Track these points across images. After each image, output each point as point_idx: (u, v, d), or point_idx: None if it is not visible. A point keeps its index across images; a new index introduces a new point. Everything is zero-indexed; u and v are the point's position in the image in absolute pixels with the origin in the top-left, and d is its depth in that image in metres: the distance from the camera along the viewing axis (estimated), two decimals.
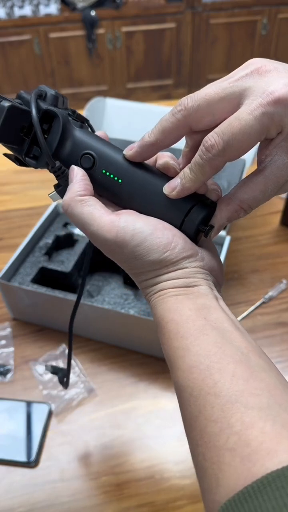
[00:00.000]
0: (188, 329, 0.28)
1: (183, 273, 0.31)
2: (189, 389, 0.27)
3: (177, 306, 0.30)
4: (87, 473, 0.56)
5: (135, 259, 0.31)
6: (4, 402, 0.62)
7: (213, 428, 0.25)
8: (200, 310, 0.29)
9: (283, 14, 2.39)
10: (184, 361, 0.28)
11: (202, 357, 0.27)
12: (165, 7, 2.33)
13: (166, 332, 0.30)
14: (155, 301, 0.31)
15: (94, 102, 0.98)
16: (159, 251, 0.31)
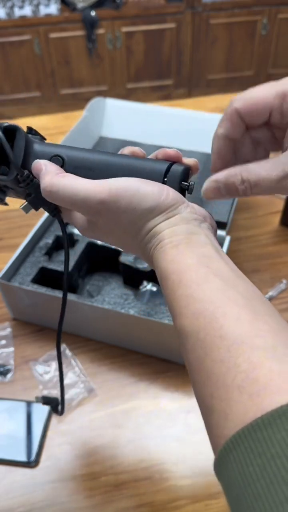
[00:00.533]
0: (191, 278, 0.29)
1: (180, 219, 0.31)
2: (195, 334, 0.27)
3: (179, 257, 0.30)
4: (87, 473, 0.56)
5: (133, 210, 0.31)
6: (4, 402, 0.62)
7: (220, 368, 0.25)
8: (202, 259, 0.29)
9: (283, 14, 2.39)
10: (189, 308, 0.28)
11: (206, 303, 0.27)
12: (165, 7, 2.33)
13: (169, 283, 0.30)
14: (157, 254, 0.31)
15: (94, 102, 0.98)
16: (154, 197, 0.31)
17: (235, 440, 0.23)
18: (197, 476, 0.55)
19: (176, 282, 0.29)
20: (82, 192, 0.32)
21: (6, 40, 2.29)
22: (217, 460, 0.24)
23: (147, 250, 0.33)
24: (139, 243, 0.33)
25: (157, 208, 0.31)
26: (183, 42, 2.44)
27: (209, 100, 1.26)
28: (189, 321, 0.28)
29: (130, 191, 0.31)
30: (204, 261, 0.29)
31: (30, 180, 0.34)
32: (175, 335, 0.64)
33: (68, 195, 0.32)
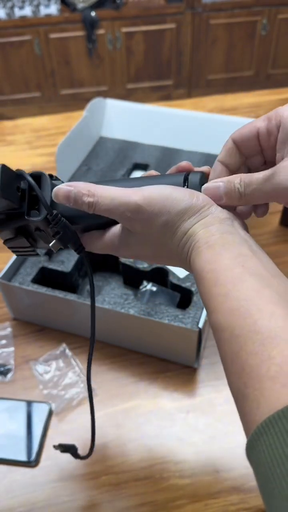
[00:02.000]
0: (227, 277, 0.30)
1: (213, 219, 0.33)
2: (230, 329, 0.28)
3: (215, 258, 0.31)
4: (87, 472, 0.56)
5: (167, 213, 0.33)
6: (4, 401, 0.62)
7: (254, 360, 0.26)
8: (237, 258, 0.31)
9: (283, 15, 2.39)
10: (224, 305, 0.29)
11: (242, 300, 0.28)
12: (165, 7, 2.33)
13: (206, 282, 0.31)
14: (194, 255, 0.33)
15: (94, 102, 0.98)
16: (186, 199, 0.33)
17: (266, 425, 0.24)
18: (197, 475, 0.55)
19: (212, 281, 0.30)
20: (118, 198, 0.34)
21: (6, 40, 2.29)
22: (248, 444, 0.26)
23: (183, 254, 0.34)
24: (176, 248, 0.34)
25: (190, 209, 0.33)
26: (183, 43, 2.44)
27: (209, 100, 1.26)
28: (224, 317, 0.29)
29: (163, 195, 0.33)
30: (239, 261, 0.30)
31: (59, 219, 0.36)
32: (175, 335, 0.64)
33: (106, 202, 0.34)
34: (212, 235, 0.32)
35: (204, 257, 0.32)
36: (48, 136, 1.15)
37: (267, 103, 1.22)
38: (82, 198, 0.35)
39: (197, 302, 0.65)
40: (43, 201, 0.36)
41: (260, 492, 0.25)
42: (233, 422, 0.59)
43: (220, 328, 0.29)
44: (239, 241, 0.32)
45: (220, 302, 0.30)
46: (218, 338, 0.30)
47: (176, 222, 0.33)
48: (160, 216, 0.33)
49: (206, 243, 0.32)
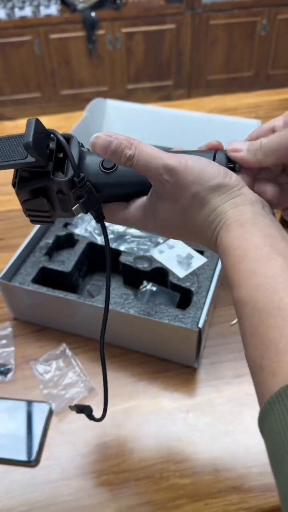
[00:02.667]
0: (256, 255, 0.30)
1: (245, 199, 0.33)
2: (252, 303, 0.29)
3: (245, 235, 0.31)
4: (87, 472, 0.56)
5: (199, 185, 0.33)
6: (4, 401, 0.62)
7: (274, 334, 0.27)
8: (267, 238, 0.31)
9: (282, 15, 2.39)
10: (250, 281, 0.29)
11: (268, 277, 0.29)
12: (165, 8, 2.33)
13: (233, 258, 0.31)
14: (222, 232, 0.33)
15: (94, 103, 0.98)
16: (220, 176, 0.33)
17: (279, 394, 0.25)
18: (197, 475, 0.55)
19: (240, 257, 0.31)
20: (157, 157, 0.34)
21: (7, 40, 2.29)
22: (261, 413, 0.26)
23: (209, 230, 0.34)
24: (202, 223, 0.34)
25: (223, 186, 0.33)
26: (183, 43, 2.44)
27: (209, 100, 1.26)
28: (248, 292, 0.29)
29: (199, 166, 0.33)
30: (268, 241, 0.31)
31: (85, 183, 0.36)
32: (175, 335, 0.64)
33: (146, 158, 0.34)
34: (244, 214, 0.32)
35: (234, 233, 0.32)
36: None
37: (267, 104, 1.22)
38: (123, 149, 0.34)
39: (197, 302, 0.65)
40: (72, 162, 0.35)
41: (270, 462, 0.26)
42: (233, 422, 0.59)
43: (242, 303, 0.30)
44: (269, 223, 0.32)
45: (245, 277, 0.30)
46: (240, 312, 0.30)
47: (206, 196, 0.33)
48: (192, 185, 0.33)
49: (237, 221, 0.32)
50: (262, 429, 0.27)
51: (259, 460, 0.56)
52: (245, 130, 0.93)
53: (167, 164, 0.33)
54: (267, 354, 0.27)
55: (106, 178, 0.37)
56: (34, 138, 0.33)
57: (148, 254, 0.72)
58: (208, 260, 0.72)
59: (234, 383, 0.63)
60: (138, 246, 0.75)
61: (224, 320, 0.71)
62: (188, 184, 0.33)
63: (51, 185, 0.37)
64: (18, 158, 0.34)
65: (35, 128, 0.33)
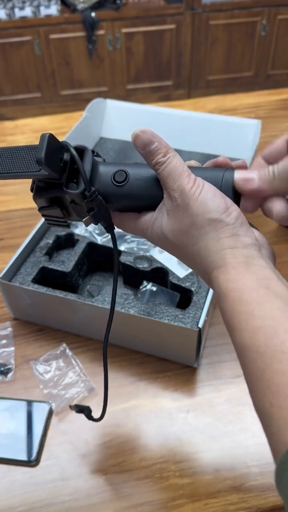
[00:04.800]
0: (252, 297, 0.30)
1: (238, 241, 0.33)
2: (254, 348, 0.28)
3: (240, 277, 0.31)
4: (87, 472, 0.56)
5: (198, 215, 0.33)
6: (4, 401, 0.62)
7: (281, 379, 0.26)
8: (262, 280, 0.31)
9: (282, 15, 2.39)
10: (249, 324, 0.29)
11: (267, 319, 0.28)
12: (165, 8, 2.33)
13: (229, 300, 0.31)
14: (218, 273, 0.33)
15: (94, 103, 0.98)
16: (218, 211, 0.33)
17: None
18: (197, 475, 0.55)
19: (237, 299, 0.30)
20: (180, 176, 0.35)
21: (7, 41, 2.29)
22: (279, 465, 0.25)
23: (202, 265, 0.34)
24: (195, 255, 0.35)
25: (218, 222, 0.33)
26: (183, 43, 2.44)
27: (209, 101, 1.26)
28: (249, 335, 0.29)
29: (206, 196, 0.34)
30: (264, 283, 0.31)
31: (95, 196, 0.37)
32: (175, 335, 0.64)
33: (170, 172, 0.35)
34: (236, 258, 0.32)
35: (228, 276, 0.32)
36: None
37: (267, 104, 1.22)
38: (158, 154, 0.35)
39: (197, 302, 0.65)
40: (83, 176, 0.36)
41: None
42: (233, 422, 0.59)
43: (244, 347, 0.29)
44: (263, 265, 0.32)
45: (244, 320, 0.29)
46: (242, 357, 0.30)
47: (201, 228, 0.34)
48: (193, 213, 0.34)
49: (231, 263, 0.32)
50: (279, 483, 0.25)
51: (259, 460, 0.56)
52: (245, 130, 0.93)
53: (184, 188, 0.34)
54: (276, 400, 0.26)
55: (117, 191, 0.38)
56: (46, 153, 0.34)
57: (148, 254, 0.72)
58: None
59: (234, 383, 0.64)
60: (138, 246, 0.75)
61: None
62: (190, 211, 0.34)
63: (64, 196, 0.38)
64: (33, 170, 0.36)
65: (48, 144, 0.34)
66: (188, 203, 0.34)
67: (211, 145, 0.93)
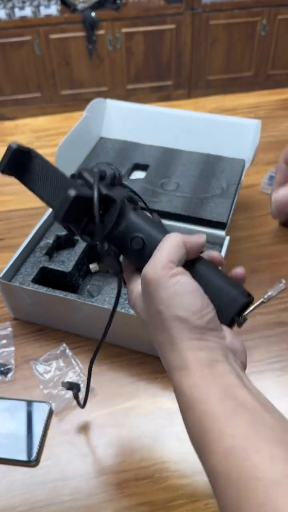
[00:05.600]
0: (219, 410, 0.28)
1: (204, 345, 0.31)
2: (226, 475, 0.26)
3: (205, 384, 0.29)
4: (87, 472, 0.56)
5: (167, 306, 0.31)
6: (4, 401, 0.62)
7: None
8: (228, 389, 0.29)
9: (282, 15, 2.39)
10: (219, 444, 0.27)
11: (237, 439, 0.26)
12: (165, 8, 2.33)
13: (195, 412, 0.29)
14: (180, 376, 0.31)
15: (94, 103, 0.98)
16: (190, 310, 0.31)
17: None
18: (197, 475, 0.55)
19: (204, 412, 0.29)
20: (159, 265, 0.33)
21: (7, 40, 2.29)
22: None
23: (165, 358, 0.32)
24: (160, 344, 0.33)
25: (187, 322, 0.31)
26: (183, 43, 2.44)
27: (209, 101, 1.26)
28: (219, 459, 0.27)
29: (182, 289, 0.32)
30: (230, 392, 0.29)
31: (108, 254, 0.36)
32: None
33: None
34: (200, 360, 0.30)
35: (192, 380, 0.30)
36: (48, 136, 1.15)
37: (267, 104, 1.22)
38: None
39: None
40: (98, 234, 0.35)
41: None
42: None
43: (214, 473, 0.27)
44: (228, 370, 0.30)
45: (214, 440, 0.27)
46: (214, 483, 0.28)
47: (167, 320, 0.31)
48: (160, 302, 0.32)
49: (194, 366, 0.30)
50: None
51: None
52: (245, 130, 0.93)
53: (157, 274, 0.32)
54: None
55: (131, 253, 0.37)
56: (66, 213, 0.33)
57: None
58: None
59: None
60: None
61: None
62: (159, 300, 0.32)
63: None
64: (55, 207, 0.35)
65: (71, 204, 0.33)
66: (159, 291, 0.32)
67: (211, 145, 0.93)
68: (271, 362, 0.66)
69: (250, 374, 0.65)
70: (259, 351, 0.67)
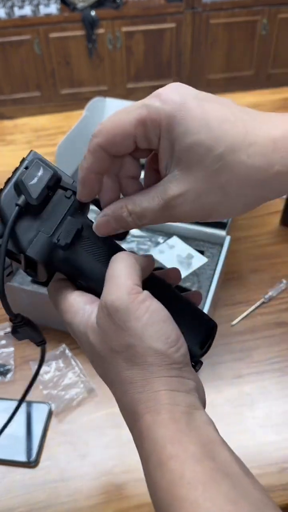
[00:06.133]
0: (196, 474, 0.24)
1: (182, 385, 0.27)
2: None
3: (181, 439, 0.25)
4: (87, 473, 0.56)
5: (140, 338, 0.26)
6: (4, 402, 0.62)
7: None
8: (206, 446, 0.25)
9: (283, 14, 2.39)
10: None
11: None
12: (165, 7, 2.33)
13: (167, 472, 0.24)
14: (152, 421, 0.26)
15: (94, 102, 0.98)
16: (166, 342, 0.27)
17: None
18: None
19: (178, 475, 0.24)
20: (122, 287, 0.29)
21: (6, 40, 2.29)
22: None
23: (133, 398, 0.27)
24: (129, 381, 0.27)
25: (162, 356, 0.27)
26: (183, 42, 2.44)
27: None
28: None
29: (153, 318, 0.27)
30: (209, 450, 0.25)
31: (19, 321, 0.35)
32: None
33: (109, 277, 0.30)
34: (177, 405, 0.26)
35: (167, 431, 0.25)
36: (48, 135, 1.15)
37: (268, 103, 1.21)
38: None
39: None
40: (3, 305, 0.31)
41: None
42: (233, 423, 0.59)
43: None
44: (206, 420, 0.26)
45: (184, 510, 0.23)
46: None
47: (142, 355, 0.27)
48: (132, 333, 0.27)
49: (170, 412, 0.26)
50: None
51: (258, 461, 0.55)
52: None
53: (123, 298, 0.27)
54: None
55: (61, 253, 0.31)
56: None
57: (148, 254, 0.72)
58: (208, 260, 0.72)
59: (234, 384, 0.63)
60: (138, 246, 0.75)
61: (225, 320, 0.71)
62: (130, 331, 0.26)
63: None
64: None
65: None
66: (128, 321, 0.26)
67: None
68: (271, 363, 0.66)
69: (250, 374, 0.65)
70: (259, 351, 0.67)
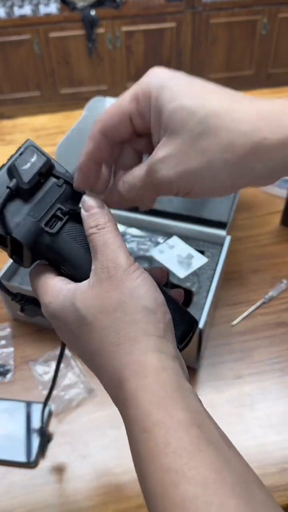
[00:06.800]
0: (182, 442, 0.23)
1: (167, 348, 0.27)
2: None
3: (167, 403, 0.24)
4: (87, 473, 0.56)
5: (131, 295, 0.27)
6: (4, 402, 0.61)
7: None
8: (193, 414, 0.24)
9: (283, 14, 2.38)
10: (177, 491, 0.22)
11: (199, 486, 0.22)
12: (165, 6, 2.33)
13: (151, 438, 0.24)
14: (137, 385, 0.25)
15: (93, 101, 0.98)
16: (154, 303, 0.27)
17: None
18: None
19: (163, 442, 0.23)
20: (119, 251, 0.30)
21: (6, 39, 2.28)
22: None
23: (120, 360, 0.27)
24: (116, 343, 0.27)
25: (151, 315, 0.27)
26: (183, 42, 2.43)
27: None
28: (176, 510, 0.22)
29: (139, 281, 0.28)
30: (196, 418, 0.24)
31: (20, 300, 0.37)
32: None
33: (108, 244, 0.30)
34: (165, 370, 0.25)
35: (153, 396, 0.25)
36: (47, 135, 1.15)
37: None
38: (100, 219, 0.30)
39: (197, 302, 0.65)
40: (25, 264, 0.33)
41: None
42: (233, 423, 0.59)
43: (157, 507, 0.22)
44: (191, 389, 0.26)
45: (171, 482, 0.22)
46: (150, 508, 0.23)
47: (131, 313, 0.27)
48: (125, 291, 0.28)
49: (159, 376, 0.25)
50: None
51: (259, 461, 0.55)
52: None
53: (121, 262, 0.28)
54: None
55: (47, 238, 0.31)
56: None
57: (148, 254, 0.71)
58: (208, 260, 0.71)
59: (235, 384, 0.63)
60: (138, 246, 0.75)
61: (225, 321, 0.71)
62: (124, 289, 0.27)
63: None
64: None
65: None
66: (123, 280, 0.27)
67: None
68: (272, 363, 0.66)
69: (251, 374, 0.65)
70: (260, 351, 0.67)
